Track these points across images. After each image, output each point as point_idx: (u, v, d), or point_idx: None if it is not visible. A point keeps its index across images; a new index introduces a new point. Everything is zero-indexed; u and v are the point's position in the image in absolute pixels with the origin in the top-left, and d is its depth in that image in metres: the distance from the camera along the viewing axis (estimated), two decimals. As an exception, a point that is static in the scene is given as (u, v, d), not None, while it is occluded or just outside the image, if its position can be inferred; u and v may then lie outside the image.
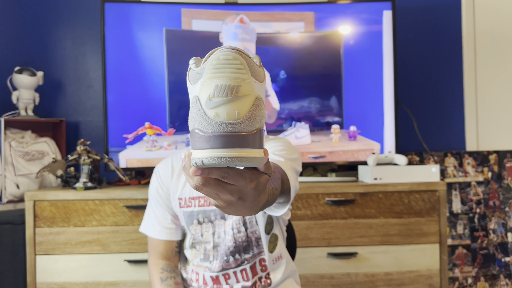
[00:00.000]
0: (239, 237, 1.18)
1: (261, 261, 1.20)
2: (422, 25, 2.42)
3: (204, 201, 1.20)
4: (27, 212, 1.77)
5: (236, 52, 0.49)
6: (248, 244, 1.19)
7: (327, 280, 1.82)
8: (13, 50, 2.31)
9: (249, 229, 1.19)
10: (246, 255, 1.18)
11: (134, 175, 2.19)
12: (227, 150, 0.47)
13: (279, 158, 1.03)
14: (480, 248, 2.29)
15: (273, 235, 1.22)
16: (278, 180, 0.80)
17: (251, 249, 1.19)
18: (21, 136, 2.06)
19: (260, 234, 1.19)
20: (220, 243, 1.18)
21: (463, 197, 2.30)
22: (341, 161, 2.11)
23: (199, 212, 1.20)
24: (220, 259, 1.18)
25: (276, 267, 1.22)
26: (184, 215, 1.21)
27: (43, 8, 2.35)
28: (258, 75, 0.51)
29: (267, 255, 1.20)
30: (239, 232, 1.17)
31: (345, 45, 2.13)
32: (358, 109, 2.13)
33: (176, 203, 1.23)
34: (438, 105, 2.41)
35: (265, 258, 1.20)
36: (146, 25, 2.09)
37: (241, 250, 1.18)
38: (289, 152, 1.11)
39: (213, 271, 1.18)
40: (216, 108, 0.47)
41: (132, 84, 2.08)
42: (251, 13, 2.12)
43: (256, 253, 1.19)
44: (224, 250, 1.18)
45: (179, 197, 1.22)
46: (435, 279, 1.84)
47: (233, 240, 1.17)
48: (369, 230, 1.84)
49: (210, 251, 1.19)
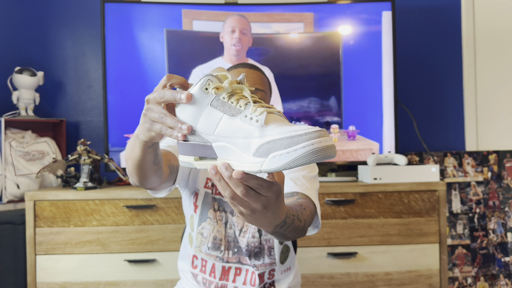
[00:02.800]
0: (252, 242, 1.16)
1: (271, 271, 1.19)
2: (422, 25, 2.42)
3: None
4: (28, 212, 1.77)
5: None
6: (260, 251, 1.17)
7: (327, 280, 1.82)
8: (13, 50, 2.32)
9: (263, 237, 1.17)
10: (256, 261, 1.17)
11: (134, 175, 2.18)
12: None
13: (305, 183, 1.07)
14: (480, 248, 2.29)
15: (285, 246, 1.22)
16: (306, 216, 0.89)
17: (262, 257, 1.17)
18: (21, 136, 2.07)
19: (273, 243, 1.18)
20: (232, 235, 1.17)
21: (463, 197, 2.30)
22: (341, 161, 2.12)
23: (215, 200, 1.18)
24: (238, 251, 1.17)
25: (283, 278, 1.22)
26: (205, 196, 1.19)
27: (44, 8, 2.35)
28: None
29: (278, 265, 1.19)
30: (253, 237, 1.16)
31: (345, 45, 2.14)
32: (358, 109, 2.14)
33: (203, 180, 1.20)
34: (437, 105, 2.42)
35: (275, 269, 1.19)
36: (147, 25, 2.09)
37: (252, 255, 1.17)
38: (310, 169, 1.14)
39: (226, 261, 1.17)
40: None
41: (133, 84, 2.08)
42: (251, 13, 2.12)
43: (267, 263, 1.18)
44: (241, 245, 1.16)
45: (208, 177, 1.19)
46: (434, 279, 1.85)
47: (245, 243, 1.16)
48: (369, 230, 1.84)
49: (222, 240, 1.17)
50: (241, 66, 1.19)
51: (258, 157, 0.58)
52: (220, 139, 0.63)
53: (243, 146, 0.60)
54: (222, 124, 0.62)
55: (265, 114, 0.60)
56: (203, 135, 0.64)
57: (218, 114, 0.63)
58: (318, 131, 0.56)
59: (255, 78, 1.16)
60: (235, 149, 0.61)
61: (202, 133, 0.64)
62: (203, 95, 0.64)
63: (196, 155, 0.66)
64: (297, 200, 1.00)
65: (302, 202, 0.97)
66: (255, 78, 1.16)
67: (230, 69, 1.20)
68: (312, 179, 1.12)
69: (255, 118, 0.61)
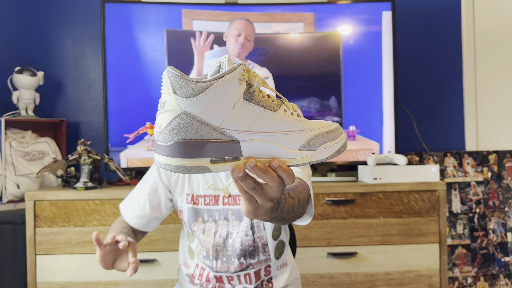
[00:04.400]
0: (245, 241, 1.17)
1: (266, 268, 1.20)
2: (422, 25, 2.42)
3: (210, 200, 1.20)
4: (28, 212, 1.77)
5: (167, 71, 0.55)
6: (254, 249, 1.18)
7: (327, 280, 1.82)
8: (14, 50, 2.32)
9: (257, 234, 1.18)
10: (251, 260, 1.18)
11: (134, 175, 2.19)
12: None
13: (295, 168, 1.06)
14: (480, 248, 2.29)
15: (280, 242, 1.22)
16: (298, 193, 0.89)
17: (257, 255, 1.18)
18: (21, 136, 2.07)
19: (267, 240, 1.19)
20: (220, 243, 1.18)
21: (463, 197, 2.31)
22: (341, 161, 2.12)
23: (205, 211, 1.20)
24: (226, 260, 1.18)
25: (279, 273, 1.22)
26: (188, 211, 1.21)
27: (44, 8, 2.35)
28: (187, 91, 0.54)
29: (273, 261, 1.20)
30: (246, 236, 1.17)
31: (345, 45, 2.14)
32: (358, 109, 2.14)
33: (183, 198, 1.23)
34: (437, 105, 2.42)
35: (271, 265, 1.20)
36: (147, 25, 2.09)
37: (246, 255, 1.18)
38: None
39: (215, 270, 1.18)
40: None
41: (133, 84, 2.08)
42: (251, 13, 2.12)
43: (262, 259, 1.19)
44: (231, 252, 1.18)
45: (187, 193, 1.22)
46: (434, 279, 1.85)
47: (239, 242, 1.17)
48: (369, 230, 1.84)
49: (210, 250, 1.19)
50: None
51: (306, 150, 0.61)
52: (254, 136, 0.58)
53: (288, 140, 0.59)
54: (260, 119, 0.58)
55: (299, 109, 0.63)
56: (231, 131, 0.57)
57: (254, 109, 0.57)
58: (340, 127, 0.65)
59: None
60: (276, 144, 0.59)
61: (230, 129, 0.56)
62: (236, 86, 0.56)
63: (212, 157, 0.56)
64: None
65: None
66: None
67: None
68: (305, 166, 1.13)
69: (295, 113, 0.61)
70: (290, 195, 0.84)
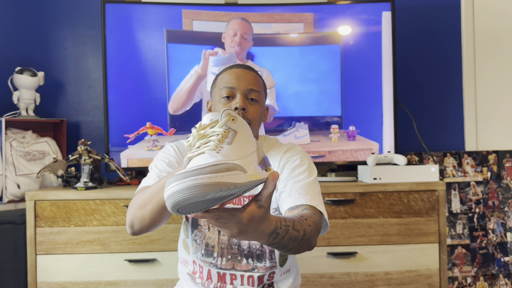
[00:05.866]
0: (253, 244, 1.17)
1: (271, 274, 1.20)
2: (422, 25, 2.42)
3: None
4: (28, 212, 1.78)
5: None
6: (262, 253, 1.18)
7: (327, 280, 1.82)
8: (14, 50, 2.32)
9: None
10: (258, 263, 1.17)
11: (134, 175, 2.19)
12: None
13: (309, 191, 1.07)
14: (480, 248, 2.30)
15: None
16: (306, 226, 0.89)
17: (264, 260, 1.18)
18: (22, 136, 2.07)
19: None
20: (225, 241, 1.17)
21: (462, 197, 2.31)
22: (341, 161, 2.12)
23: None
24: (231, 258, 1.17)
25: (282, 279, 1.22)
26: None
27: (44, 8, 2.35)
28: None
29: (277, 268, 1.20)
30: None
31: (345, 45, 2.14)
32: (357, 109, 2.14)
33: None
34: (437, 105, 2.42)
35: (275, 272, 1.20)
36: (147, 25, 2.10)
37: (254, 257, 1.17)
38: (309, 170, 1.14)
39: (220, 268, 1.17)
40: None
41: (133, 84, 2.09)
42: (251, 14, 2.13)
43: (268, 266, 1.18)
44: (236, 251, 1.17)
45: None
46: (434, 278, 1.85)
47: (248, 244, 1.16)
48: (369, 230, 1.84)
49: (214, 247, 1.18)
50: (236, 67, 1.22)
51: None
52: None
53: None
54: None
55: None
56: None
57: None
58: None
59: (249, 78, 1.18)
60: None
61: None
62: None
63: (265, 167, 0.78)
64: (301, 211, 1.01)
65: (305, 213, 0.97)
66: (249, 78, 1.18)
67: (225, 69, 1.22)
68: (313, 182, 1.13)
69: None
70: (294, 227, 0.83)
